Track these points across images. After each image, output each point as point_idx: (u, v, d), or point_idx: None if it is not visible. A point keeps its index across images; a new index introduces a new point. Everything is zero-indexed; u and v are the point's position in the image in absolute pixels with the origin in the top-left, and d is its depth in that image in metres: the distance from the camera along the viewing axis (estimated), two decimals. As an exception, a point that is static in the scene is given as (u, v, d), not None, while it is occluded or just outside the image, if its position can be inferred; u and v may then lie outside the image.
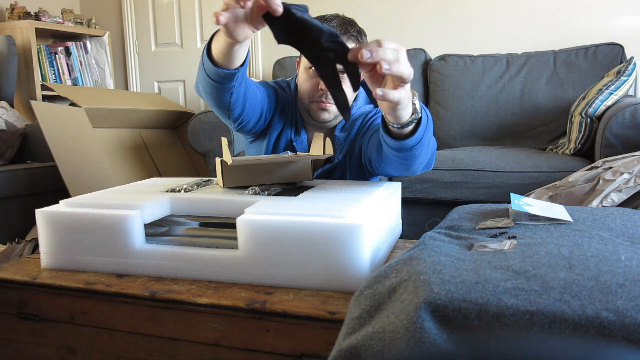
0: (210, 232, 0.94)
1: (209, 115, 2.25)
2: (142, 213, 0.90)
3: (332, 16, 1.20)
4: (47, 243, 0.94)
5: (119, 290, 0.83)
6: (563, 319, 0.48)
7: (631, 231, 0.78)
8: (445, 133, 2.49)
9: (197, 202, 0.94)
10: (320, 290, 0.80)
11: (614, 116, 1.79)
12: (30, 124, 2.50)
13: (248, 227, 0.82)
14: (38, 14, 3.06)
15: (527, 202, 0.92)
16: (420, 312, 0.51)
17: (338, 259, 0.79)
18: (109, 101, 2.53)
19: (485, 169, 1.91)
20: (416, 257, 0.66)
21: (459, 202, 1.90)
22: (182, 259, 0.88)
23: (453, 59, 2.54)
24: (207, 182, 1.12)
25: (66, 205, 0.96)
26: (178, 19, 3.39)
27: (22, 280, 0.90)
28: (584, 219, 0.85)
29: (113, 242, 0.90)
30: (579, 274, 0.56)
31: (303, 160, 1.06)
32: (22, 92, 3.00)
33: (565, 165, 1.85)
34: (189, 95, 3.44)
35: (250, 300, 0.77)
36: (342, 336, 0.57)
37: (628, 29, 2.49)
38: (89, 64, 3.31)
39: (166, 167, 2.68)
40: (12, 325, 0.93)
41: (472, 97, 2.46)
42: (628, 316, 0.47)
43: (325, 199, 0.91)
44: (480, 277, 0.56)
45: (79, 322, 0.87)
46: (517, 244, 0.72)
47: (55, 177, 2.11)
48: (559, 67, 2.36)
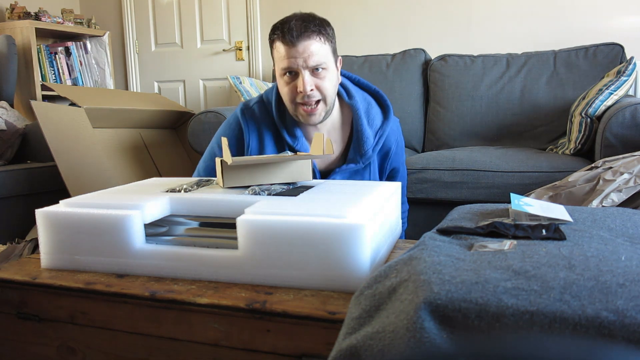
0: (210, 232, 0.94)
1: (209, 115, 2.25)
2: (142, 213, 0.90)
3: (291, 16, 1.19)
4: (47, 243, 0.94)
5: (119, 290, 0.83)
6: (563, 319, 0.48)
7: (631, 231, 0.78)
8: (445, 133, 2.49)
9: (197, 202, 0.94)
10: (320, 290, 0.80)
11: (614, 116, 1.79)
12: (30, 124, 2.50)
13: (248, 227, 0.82)
14: (38, 14, 3.06)
15: (527, 202, 0.92)
16: (420, 312, 0.51)
17: (338, 259, 0.79)
18: (109, 101, 2.53)
19: (485, 169, 1.91)
20: (416, 257, 0.66)
21: (459, 202, 1.90)
22: (182, 259, 0.88)
23: (453, 59, 2.54)
24: (207, 182, 1.12)
25: (66, 205, 0.96)
26: (178, 19, 3.39)
27: (22, 280, 0.90)
28: (584, 219, 0.85)
29: (113, 242, 0.90)
30: (579, 274, 0.56)
31: (302, 160, 1.06)
32: (22, 92, 3.00)
33: (565, 165, 1.85)
34: (189, 95, 3.44)
35: (250, 300, 0.77)
36: (342, 336, 0.57)
37: (628, 29, 2.49)
38: (89, 64, 3.31)
39: (166, 167, 2.68)
40: (12, 325, 0.93)
41: (472, 97, 2.46)
42: (628, 316, 0.47)
43: (325, 199, 0.91)
44: (480, 277, 0.56)
45: (79, 322, 0.87)
46: (517, 243, 0.72)
47: (55, 177, 2.11)
48: (559, 67, 2.36)
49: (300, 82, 1.16)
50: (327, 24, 1.23)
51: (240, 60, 3.27)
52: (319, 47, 1.16)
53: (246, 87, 2.70)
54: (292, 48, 1.15)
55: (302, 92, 1.18)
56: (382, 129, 1.30)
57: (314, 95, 1.18)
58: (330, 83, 1.20)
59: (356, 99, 1.30)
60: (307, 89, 1.16)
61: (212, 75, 3.36)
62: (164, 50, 3.46)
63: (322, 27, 1.19)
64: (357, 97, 1.30)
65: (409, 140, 2.58)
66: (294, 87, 1.19)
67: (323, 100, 1.20)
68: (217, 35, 3.31)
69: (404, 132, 2.58)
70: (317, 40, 1.17)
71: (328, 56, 1.19)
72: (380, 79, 2.62)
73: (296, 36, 1.15)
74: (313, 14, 1.22)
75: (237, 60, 3.28)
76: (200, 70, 3.38)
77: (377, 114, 1.32)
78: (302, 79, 1.16)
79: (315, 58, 1.16)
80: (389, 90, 2.59)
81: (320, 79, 1.18)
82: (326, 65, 1.19)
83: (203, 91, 3.42)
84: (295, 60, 1.15)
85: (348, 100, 1.30)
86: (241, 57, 3.26)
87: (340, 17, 2.93)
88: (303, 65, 1.16)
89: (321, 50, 1.17)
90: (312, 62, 1.16)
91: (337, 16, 2.94)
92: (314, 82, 1.18)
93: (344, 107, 1.33)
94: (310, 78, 1.17)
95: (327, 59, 1.19)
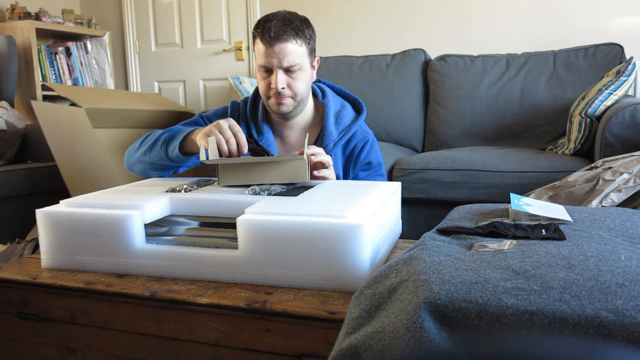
0: (210, 232, 0.95)
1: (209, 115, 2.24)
2: (142, 213, 0.91)
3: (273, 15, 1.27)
4: (47, 243, 0.94)
5: (119, 290, 0.84)
6: (563, 319, 0.48)
7: (631, 231, 0.78)
8: (445, 133, 2.49)
9: (197, 202, 0.94)
10: (320, 290, 0.80)
11: (613, 116, 1.79)
12: (31, 124, 2.50)
13: (248, 227, 0.82)
14: (38, 14, 3.06)
15: (527, 202, 0.92)
16: (420, 312, 0.51)
17: (338, 259, 0.79)
18: (109, 101, 2.53)
19: (485, 169, 1.91)
20: (416, 257, 0.66)
21: (459, 202, 1.90)
22: (182, 259, 0.88)
23: (453, 59, 2.54)
24: (207, 182, 1.12)
25: (66, 205, 0.96)
26: (178, 19, 3.39)
27: (22, 280, 0.90)
28: (583, 219, 0.86)
29: (113, 242, 0.90)
30: (579, 274, 0.56)
31: (297, 161, 1.06)
32: (23, 92, 3.00)
33: (565, 165, 1.85)
34: (189, 95, 3.44)
35: (251, 300, 0.77)
36: (342, 336, 0.57)
37: (628, 29, 2.49)
38: (89, 64, 3.31)
39: (166, 167, 2.68)
40: (12, 325, 0.93)
41: (472, 97, 2.46)
42: (628, 316, 0.47)
43: (325, 199, 0.92)
44: (480, 277, 0.56)
45: (79, 322, 0.87)
46: (517, 243, 0.72)
47: (55, 177, 2.11)
48: (559, 67, 2.36)
49: (274, 79, 1.26)
50: (308, 25, 1.30)
51: (240, 60, 3.27)
52: (295, 49, 1.25)
53: (246, 87, 2.70)
54: (269, 48, 1.24)
55: (274, 88, 1.27)
56: (349, 127, 1.40)
57: (285, 93, 1.28)
58: (302, 82, 1.30)
59: (329, 100, 1.41)
60: (279, 86, 1.26)
61: (212, 75, 3.36)
62: (164, 50, 3.46)
63: (301, 29, 1.27)
64: (330, 99, 1.41)
65: (409, 140, 2.58)
66: (269, 83, 1.29)
67: (293, 97, 1.31)
68: (217, 35, 3.31)
69: (404, 131, 2.60)
70: (293, 42, 1.25)
71: (303, 57, 1.28)
72: (380, 79, 2.62)
73: (274, 37, 1.23)
74: (295, 14, 1.30)
75: (237, 60, 3.28)
76: (201, 70, 3.39)
77: (348, 116, 1.41)
78: (276, 77, 1.26)
79: (290, 58, 1.25)
80: (389, 90, 2.59)
81: (292, 79, 1.28)
82: (300, 66, 1.28)
83: (203, 91, 3.42)
84: (271, 59, 1.25)
85: (321, 99, 1.41)
86: (241, 57, 3.26)
87: (340, 17, 2.93)
88: (278, 64, 1.25)
89: (297, 51, 1.26)
90: (286, 63, 1.25)
91: (337, 16, 2.95)
92: (286, 80, 1.28)
93: (318, 106, 1.43)
94: (284, 76, 1.27)
95: (301, 60, 1.28)
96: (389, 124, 2.58)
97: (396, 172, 2.02)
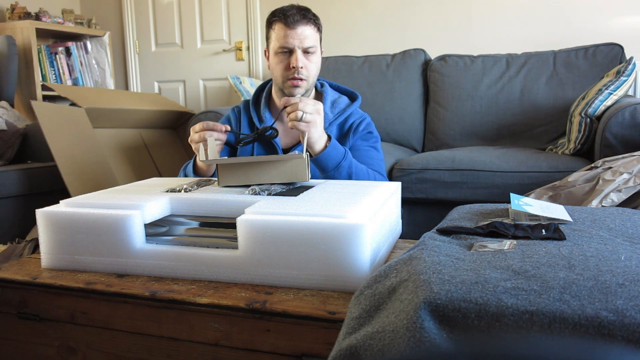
0: (210, 232, 0.95)
1: (209, 115, 2.25)
2: (142, 213, 0.91)
3: (288, 7, 1.40)
4: (48, 243, 0.94)
5: (119, 290, 0.84)
6: (563, 319, 0.48)
7: (631, 231, 0.78)
8: (445, 133, 2.49)
9: (197, 202, 0.94)
10: (320, 290, 0.80)
11: (613, 116, 1.79)
12: (31, 124, 2.50)
13: (248, 227, 0.82)
14: (38, 14, 3.06)
15: (527, 202, 0.92)
16: (420, 312, 0.51)
17: (338, 259, 0.79)
18: (109, 101, 2.53)
19: (485, 169, 1.91)
20: (416, 257, 0.66)
21: (459, 202, 1.90)
22: (182, 259, 0.88)
23: (453, 59, 2.54)
24: (207, 182, 1.12)
25: (66, 205, 0.96)
26: (178, 19, 3.39)
27: (22, 280, 0.90)
28: (583, 219, 0.86)
29: (113, 242, 0.90)
30: (579, 274, 0.56)
31: (297, 160, 1.06)
32: (23, 92, 3.00)
33: (565, 165, 1.85)
34: (189, 95, 3.44)
35: (251, 300, 0.77)
36: (342, 336, 0.57)
37: (628, 29, 2.49)
38: (89, 64, 3.31)
39: (166, 167, 2.68)
40: (12, 325, 0.93)
41: (472, 97, 2.46)
42: (628, 316, 0.47)
43: (325, 199, 0.92)
44: (480, 277, 0.56)
45: (79, 322, 0.87)
46: (517, 243, 0.72)
47: (55, 177, 2.11)
48: (559, 67, 2.36)
49: (294, 58, 1.38)
50: (318, 18, 1.45)
51: (240, 60, 3.27)
52: (312, 33, 1.40)
53: (246, 87, 2.70)
54: (292, 30, 1.37)
55: (294, 67, 1.38)
56: (345, 110, 1.51)
57: (302, 73, 1.40)
58: (315, 66, 1.44)
59: (327, 89, 1.53)
60: (299, 64, 1.38)
61: (212, 75, 3.36)
62: (164, 50, 3.46)
63: (316, 18, 1.43)
64: (328, 90, 1.54)
65: (409, 140, 2.58)
66: (287, 64, 1.40)
67: (306, 79, 1.43)
68: (217, 35, 3.31)
69: (404, 131, 2.60)
70: (311, 27, 1.40)
71: (317, 43, 1.43)
72: (380, 79, 2.62)
73: (296, 20, 1.37)
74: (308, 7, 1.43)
75: (237, 60, 3.28)
76: (201, 70, 3.39)
77: (344, 102, 1.53)
78: (297, 56, 1.38)
79: (309, 41, 1.39)
80: (389, 90, 2.59)
81: (309, 61, 1.41)
82: (315, 49, 1.41)
83: (203, 91, 3.42)
84: (293, 40, 1.37)
85: (320, 89, 1.55)
86: (241, 57, 3.26)
87: (340, 17, 2.93)
88: (299, 45, 1.38)
89: (314, 36, 1.41)
90: (306, 44, 1.38)
91: (337, 16, 2.95)
92: (303, 61, 1.40)
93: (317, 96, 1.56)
94: (302, 57, 1.39)
95: (317, 44, 1.42)
96: (389, 124, 2.57)
97: (396, 172, 2.02)
